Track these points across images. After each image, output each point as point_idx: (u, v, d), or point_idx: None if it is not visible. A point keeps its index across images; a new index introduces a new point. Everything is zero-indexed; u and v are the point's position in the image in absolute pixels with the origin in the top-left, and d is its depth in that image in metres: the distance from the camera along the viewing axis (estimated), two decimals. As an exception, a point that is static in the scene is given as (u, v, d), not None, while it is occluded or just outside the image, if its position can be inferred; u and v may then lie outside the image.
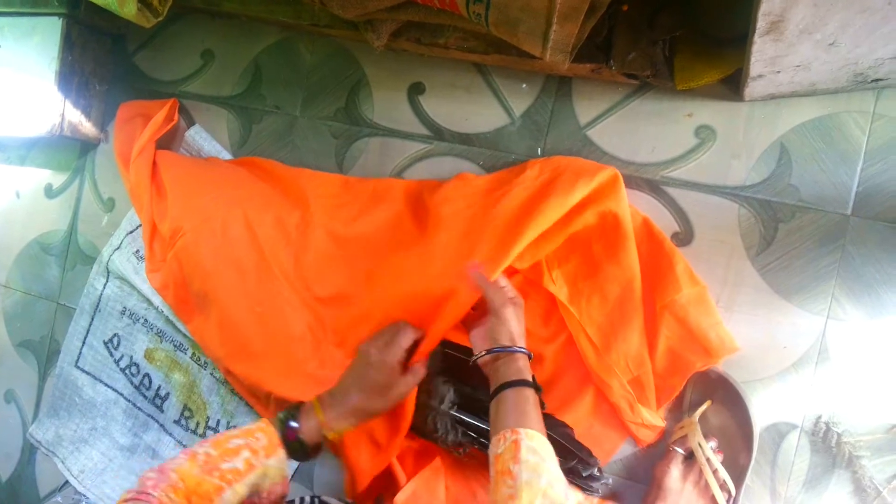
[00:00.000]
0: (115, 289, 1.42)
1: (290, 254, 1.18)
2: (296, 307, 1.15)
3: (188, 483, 0.83)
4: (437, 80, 1.24)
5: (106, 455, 1.40)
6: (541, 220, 1.02)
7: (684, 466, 1.02)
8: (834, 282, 1.03)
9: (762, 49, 0.84)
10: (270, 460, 0.89)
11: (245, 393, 1.26)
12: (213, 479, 0.84)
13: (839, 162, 1.03)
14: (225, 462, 0.86)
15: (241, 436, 0.90)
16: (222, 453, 0.87)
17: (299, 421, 0.94)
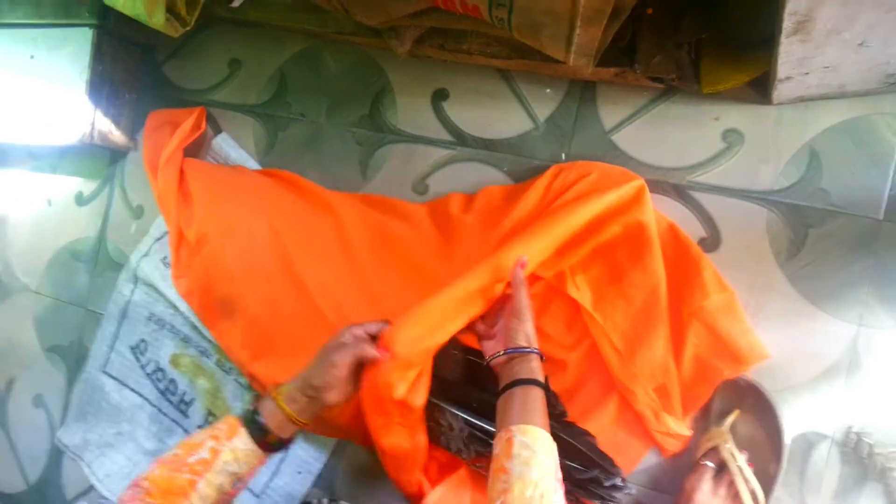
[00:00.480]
0: (142, 295, 1.43)
1: (316, 261, 1.18)
2: (320, 313, 1.15)
3: (160, 484, 0.84)
4: (460, 86, 1.24)
5: (131, 460, 1.41)
6: (566, 226, 1.02)
7: (714, 481, 1.00)
8: (866, 288, 1.00)
9: (789, 50, 0.82)
10: (234, 440, 0.90)
11: (268, 398, 1.26)
12: (184, 475, 0.85)
13: (870, 165, 1.01)
14: (191, 456, 0.87)
15: (206, 431, 0.92)
16: (188, 450, 0.88)
17: (258, 403, 0.95)
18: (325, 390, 0.94)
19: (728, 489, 0.99)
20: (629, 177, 1.07)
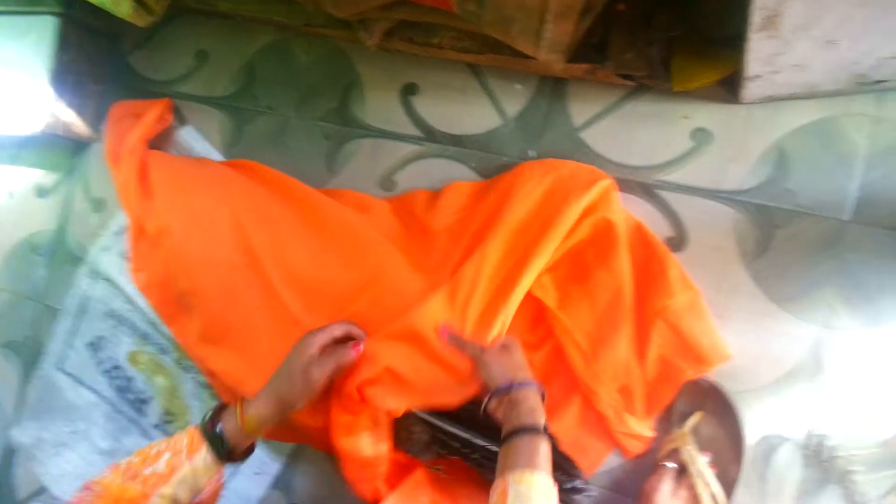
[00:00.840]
0: (101, 290, 1.40)
1: (280, 254, 1.15)
2: (284, 307, 1.13)
3: (112, 491, 0.83)
4: (430, 80, 1.23)
5: (86, 459, 1.37)
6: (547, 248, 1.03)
7: (675, 482, 0.98)
8: (830, 290, 1.00)
9: (758, 46, 0.82)
10: (195, 457, 0.88)
11: (226, 395, 1.23)
12: (136, 485, 0.84)
13: (838, 166, 1.01)
14: (146, 468, 0.86)
15: (164, 441, 0.90)
16: (144, 459, 0.87)
17: (219, 412, 0.93)
18: (303, 404, 0.94)
19: (688, 491, 0.97)
20: (597, 175, 1.06)
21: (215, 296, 1.16)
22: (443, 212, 1.15)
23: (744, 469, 0.98)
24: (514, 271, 1.03)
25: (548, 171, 1.08)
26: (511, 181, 1.10)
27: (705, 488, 0.96)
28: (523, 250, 1.04)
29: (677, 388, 1.03)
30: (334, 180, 1.27)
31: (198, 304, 1.18)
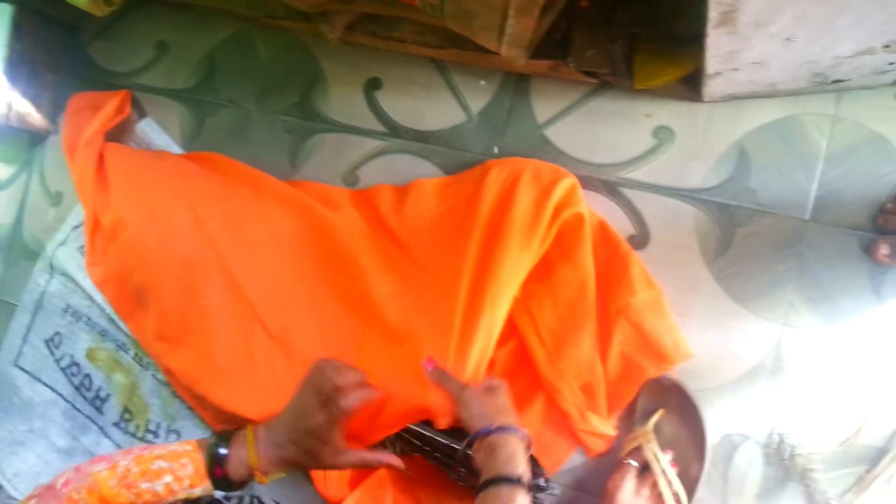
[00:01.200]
0: (58, 285, 1.37)
1: (244, 249, 1.13)
2: (248, 302, 1.11)
3: (103, 490, 0.80)
4: (394, 76, 1.22)
5: (42, 458, 1.35)
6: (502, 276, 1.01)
7: (638, 480, 0.98)
8: (790, 288, 1.00)
9: (717, 43, 0.82)
10: (195, 490, 0.85)
11: (184, 392, 1.21)
12: (129, 495, 0.81)
13: (798, 166, 1.01)
14: (144, 482, 0.83)
15: (167, 458, 0.86)
16: (143, 472, 0.83)
17: (229, 456, 0.88)
18: (319, 456, 0.90)
19: (651, 489, 0.97)
20: (560, 174, 1.05)
21: (172, 291, 1.14)
22: (409, 212, 1.13)
23: (706, 467, 0.98)
24: (480, 288, 1.01)
25: (512, 171, 1.07)
26: (476, 183, 1.09)
27: (668, 487, 0.96)
28: (489, 264, 1.01)
29: (639, 386, 1.03)
30: (297, 175, 1.26)
31: (154, 299, 1.16)
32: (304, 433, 0.88)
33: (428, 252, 1.10)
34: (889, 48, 0.81)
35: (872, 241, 0.97)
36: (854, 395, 0.98)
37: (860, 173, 0.99)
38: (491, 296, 0.99)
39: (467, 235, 1.04)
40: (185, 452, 0.87)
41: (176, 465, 0.85)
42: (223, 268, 1.12)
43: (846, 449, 0.98)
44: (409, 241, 1.11)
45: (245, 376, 1.08)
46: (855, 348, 0.98)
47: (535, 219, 1.01)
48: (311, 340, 1.07)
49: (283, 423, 0.91)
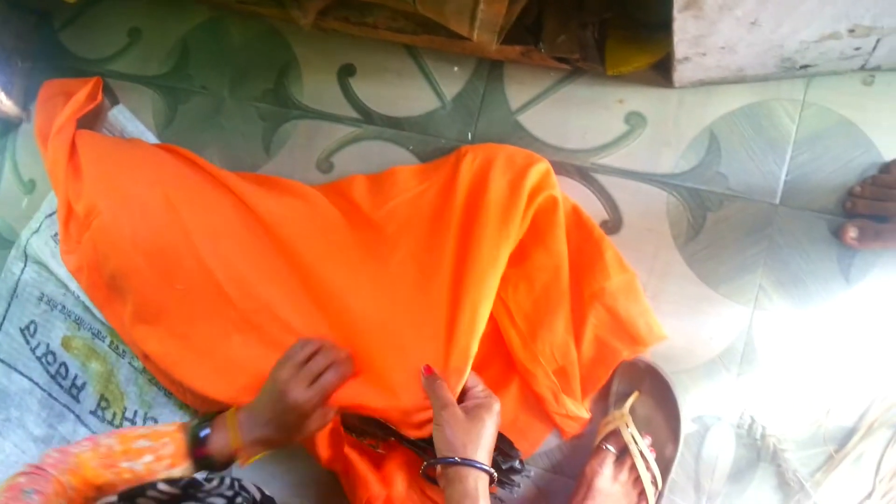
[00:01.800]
0: (32, 274, 1.36)
1: (215, 235, 1.13)
2: (219, 288, 1.10)
3: (86, 472, 0.81)
4: (367, 62, 1.21)
5: (19, 447, 1.34)
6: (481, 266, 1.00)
7: (615, 465, 0.99)
8: (761, 271, 1.01)
9: (684, 27, 0.82)
10: (175, 470, 0.86)
11: (162, 378, 1.21)
12: (109, 475, 0.82)
13: (768, 150, 1.02)
14: (125, 461, 0.84)
15: (149, 437, 0.87)
16: (125, 451, 0.84)
17: (210, 438, 0.89)
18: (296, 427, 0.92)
19: (629, 474, 0.98)
20: (533, 158, 1.06)
21: (147, 277, 1.13)
22: (386, 201, 1.13)
23: (680, 449, 1.00)
24: (463, 276, 1.01)
25: (486, 157, 1.07)
26: (452, 168, 1.09)
27: (646, 472, 0.97)
28: (469, 252, 1.02)
29: (613, 369, 1.04)
30: (271, 162, 1.25)
31: (128, 285, 1.15)
32: (283, 410, 0.90)
33: (404, 238, 1.09)
34: (854, 32, 0.82)
35: (841, 224, 0.98)
36: (824, 377, 0.99)
37: (829, 158, 1.00)
38: (475, 283, 0.99)
39: (446, 223, 1.05)
40: (167, 433, 0.88)
41: (157, 444, 0.86)
42: (194, 253, 1.11)
43: (816, 429, 0.99)
44: (384, 223, 1.11)
45: (221, 361, 1.08)
46: (824, 330, 1.00)
47: (511, 204, 1.01)
48: (284, 327, 1.07)
49: (263, 403, 0.92)
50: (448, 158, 1.12)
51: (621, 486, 0.98)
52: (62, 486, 0.79)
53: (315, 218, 1.13)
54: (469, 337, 0.98)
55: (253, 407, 0.93)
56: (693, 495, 1.03)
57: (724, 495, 1.02)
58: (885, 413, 0.97)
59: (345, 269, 1.08)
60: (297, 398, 0.89)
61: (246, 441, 0.90)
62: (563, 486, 1.07)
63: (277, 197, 1.15)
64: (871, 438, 0.97)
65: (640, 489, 0.98)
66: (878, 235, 0.95)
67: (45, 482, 0.78)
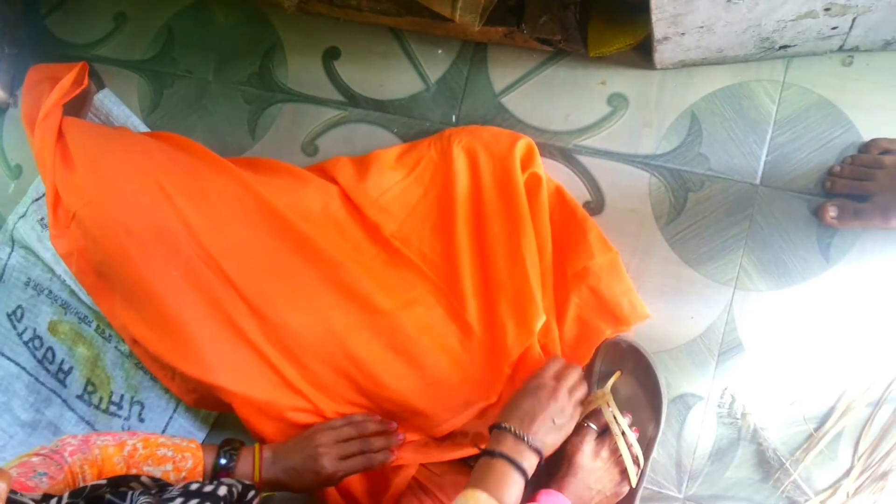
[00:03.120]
0: (19, 259, 1.36)
1: (215, 221, 1.12)
2: (223, 273, 1.10)
3: (105, 465, 0.83)
4: (352, 45, 1.22)
5: (6, 432, 1.34)
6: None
7: (596, 442, 1.00)
8: (742, 251, 1.02)
9: (661, 6, 0.83)
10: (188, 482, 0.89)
11: (150, 364, 1.21)
12: (129, 473, 0.84)
13: (749, 131, 1.03)
14: (147, 465, 0.87)
15: (171, 448, 0.91)
16: (148, 455, 0.88)
17: (235, 468, 0.95)
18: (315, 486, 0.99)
19: (610, 452, 0.99)
20: (517, 138, 1.06)
21: (138, 263, 1.12)
22: (372, 188, 1.13)
23: (661, 429, 1.00)
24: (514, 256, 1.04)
25: (469, 142, 1.08)
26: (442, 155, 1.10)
27: (627, 451, 0.98)
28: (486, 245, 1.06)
29: (594, 349, 1.05)
30: (257, 145, 1.26)
31: (119, 271, 1.14)
32: (309, 469, 0.96)
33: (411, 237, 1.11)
34: (829, 11, 0.83)
35: (821, 204, 0.99)
36: (803, 356, 1.01)
37: (809, 138, 1.01)
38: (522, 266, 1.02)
39: (451, 223, 1.07)
40: (189, 448, 0.93)
41: (178, 457, 0.90)
42: (195, 240, 1.10)
43: (796, 408, 1.00)
44: (378, 219, 1.11)
45: (221, 345, 1.08)
46: (804, 309, 1.01)
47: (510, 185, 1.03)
48: (291, 310, 1.07)
49: (292, 453, 0.99)
50: (432, 142, 1.12)
51: (602, 463, 0.98)
52: (73, 475, 0.81)
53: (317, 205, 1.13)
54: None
55: (280, 451, 0.99)
56: (675, 474, 1.04)
57: (705, 474, 1.03)
58: (864, 392, 0.98)
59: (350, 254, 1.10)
60: (327, 466, 0.96)
61: (264, 479, 0.96)
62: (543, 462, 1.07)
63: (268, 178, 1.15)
64: (849, 417, 0.98)
65: (621, 467, 0.98)
66: (857, 215, 0.96)
67: (58, 468, 0.79)
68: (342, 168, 1.15)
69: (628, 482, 0.98)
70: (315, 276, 1.09)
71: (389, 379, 1.03)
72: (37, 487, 0.74)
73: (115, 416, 1.28)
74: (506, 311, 1.03)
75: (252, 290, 1.08)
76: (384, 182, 1.12)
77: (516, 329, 1.03)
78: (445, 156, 1.09)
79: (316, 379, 1.05)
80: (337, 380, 1.05)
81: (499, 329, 1.04)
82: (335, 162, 1.17)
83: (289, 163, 1.18)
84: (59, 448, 0.81)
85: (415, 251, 1.10)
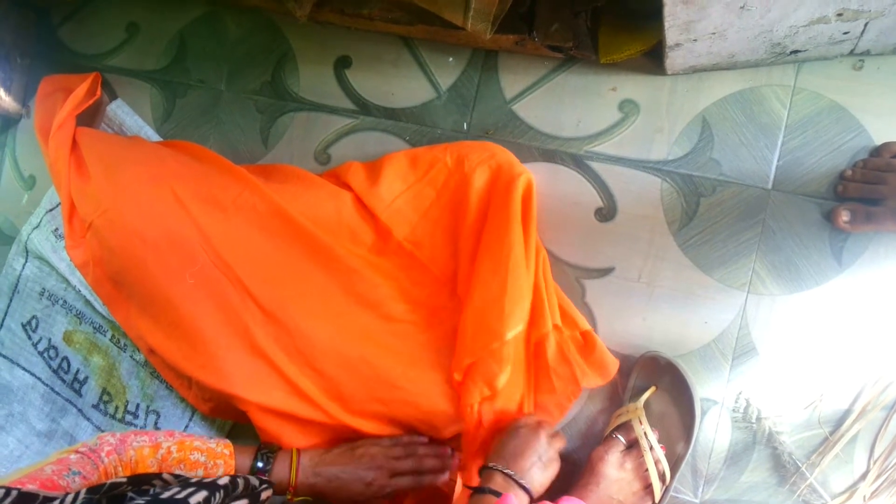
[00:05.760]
0: (34, 269, 1.37)
1: (227, 228, 1.13)
2: (239, 281, 1.10)
3: (140, 468, 0.84)
4: (363, 53, 1.22)
5: (22, 442, 1.35)
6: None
7: (623, 454, 0.99)
8: (754, 256, 1.03)
9: (674, 13, 0.83)
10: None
11: (167, 373, 1.21)
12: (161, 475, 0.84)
13: (760, 136, 1.03)
14: (178, 469, 0.87)
15: (205, 453, 0.91)
16: (182, 459, 0.88)
17: (271, 471, 0.96)
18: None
19: (635, 463, 0.99)
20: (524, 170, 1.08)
21: (154, 272, 1.13)
22: (385, 192, 1.14)
23: (691, 448, 1.00)
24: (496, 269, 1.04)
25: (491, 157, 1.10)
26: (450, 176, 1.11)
27: (654, 466, 0.97)
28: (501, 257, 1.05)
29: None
30: (269, 154, 1.26)
31: (135, 280, 1.15)
32: (354, 479, 0.98)
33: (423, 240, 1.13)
34: (842, 16, 0.83)
35: (833, 208, 0.99)
36: (818, 359, 1.01)
37: (820, 142, 1.01)
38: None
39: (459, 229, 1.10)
40: (222, 455, 0.93)
41: (210, 463, 0.91)
42: (210, 248, 1.11)
43: (811, 412, 1.00)
44: (391, 222, 1.12)
45: (237, 354, 1.08)
46: (818, 313, 1.01)
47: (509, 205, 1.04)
48: (307, 317, 1.08)
49: (336, 460, 1.00)
50: (448, 149, 1.12)
51: (626, 475, 0.98)
52: (106, 476, 0.81)
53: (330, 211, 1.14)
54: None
55: (322, 458, 1.00)
56: (690, 479, 1.04)
57: (721, 478, 1.03)
58: (879, 395, 0.98)
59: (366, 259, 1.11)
60: (378, 479, 0.98)
61: (301, 484, 0.97)
62: (564, 471, 1.07)
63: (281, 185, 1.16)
64: (865, 420, 0.98)
65: (646, 482, 0.98)
66: (869, 218, 0.96)
67: (93, 468, 0.80)
68: (355, 173, 1.16)
69: (651, 498, 0.98)
70: (329, 282, 1.10)
71: (404, 382, 1.04)
72: (68, 487, 0.74)
73: (130, 426, 1.28)
74: (469, 317, 1.03)
75: (267, 297, 1.08)
76: (397, 186, 1.13)
77: (472, 338, 1.02)
78: (460, 166, 1.10)
79: (331, 386, 1.05)
80: (352, 385, 1.05)
81: (459, 334, 1.04)
82: (347, 167, 1.18)
83: (301, 169, 1.20)
84: (98, 447, 0.82)
85: (426, 254, 1.11)
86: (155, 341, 1.14)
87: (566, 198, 1.11)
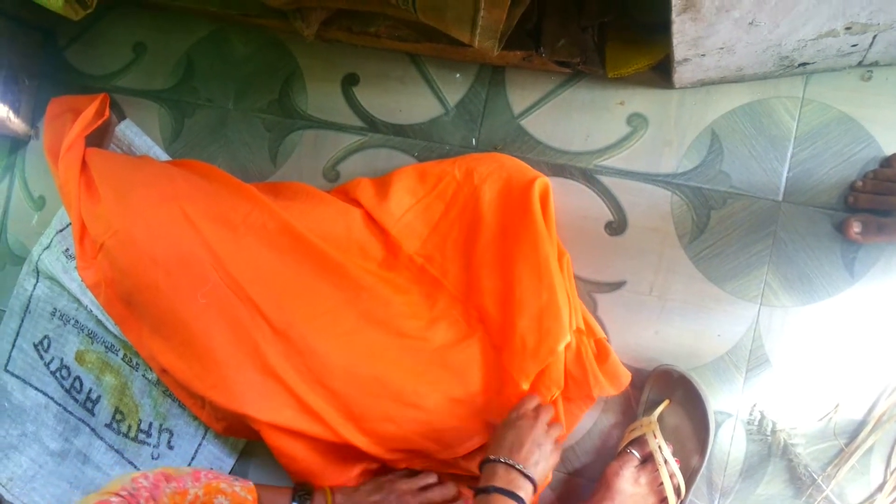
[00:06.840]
0: (45, 289, 1.37)
1: (237, 247, 1.13)
2: (249, 300, 1.11)
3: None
4: (370, 70, 1.22)
5: (36, 461, 1.35)
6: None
7: (637, 469, 0.99)
8: (766, 268, 1.02)
9: (682, 29, 0.83)
10: None
11: (179, 392, 1.21)
12: None
13: (769, 148, 1.03)
14: None
15: (229, 497, 0.91)
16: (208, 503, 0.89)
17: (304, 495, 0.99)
18: None
19: (650, 478, 0.99)
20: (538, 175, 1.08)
21: (166, 292, 1.13)
22: (395, 208, 1.14)
23: (705, 461, 1.00)
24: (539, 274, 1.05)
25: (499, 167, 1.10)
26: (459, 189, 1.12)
27: (669, 480, 0.97)
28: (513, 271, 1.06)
29: None
30: (278, 172, 1.27)
31: (146, 301, 1.15)
32: None
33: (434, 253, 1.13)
34: (850, 30, 0.83)
35: (844, 219, 0.99)
36: (832, 371, 1.00)
37: (830, 154, 1.01)
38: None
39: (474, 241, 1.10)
40: (245, 500, 0.93)
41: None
42: (220, 267, 1.11)
43: (826, 423, 1.00)
44: (401, 237, 1.12)
45: (249, 373, 1.08)
46: (831, 324, 1.01)
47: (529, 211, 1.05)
48: (318, 335, 1.08)
49: (368, 495, 1.02)
50: (456, 162, 1.13)
51: (641, 489, 0.98)
52: None
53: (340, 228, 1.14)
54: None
55: (353, 495, 1.02)
56: (706, 491, 1.03)
57: (736, 491, 1.03)
58: (894, 405, 0.98)
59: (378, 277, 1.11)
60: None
61: None
62: (578, 487, 1.08)
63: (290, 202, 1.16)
64: (881, 431, 0.98)
65: (661, 496, 0.98)
66: (880, 229, 0.96)
67: None
68: (364, 189, 1.16)
69: None
70: (340, 299, 1.10)
71: (417, 398, 1.04)
72: None
73: (143, 444, 1.29)
74: (526, 327, 1.03)
75: (277, 315, 1.08)
76: (406, 201, 1.13)
77: (536, 346, 1.02)
78: (469, 178, 1.10)
79: (342, 404, 1.05)
80: (364, 403, 1.05)
81: (517, 345, 1.03)
82: (356, 183, 1.18)
83: (310, 187, 1.20)
84: (136, 492, 0.82)
85: (437, 267, 1.11)
86: (167, 361, 1.15)
87: (576, 212, 1.11)
